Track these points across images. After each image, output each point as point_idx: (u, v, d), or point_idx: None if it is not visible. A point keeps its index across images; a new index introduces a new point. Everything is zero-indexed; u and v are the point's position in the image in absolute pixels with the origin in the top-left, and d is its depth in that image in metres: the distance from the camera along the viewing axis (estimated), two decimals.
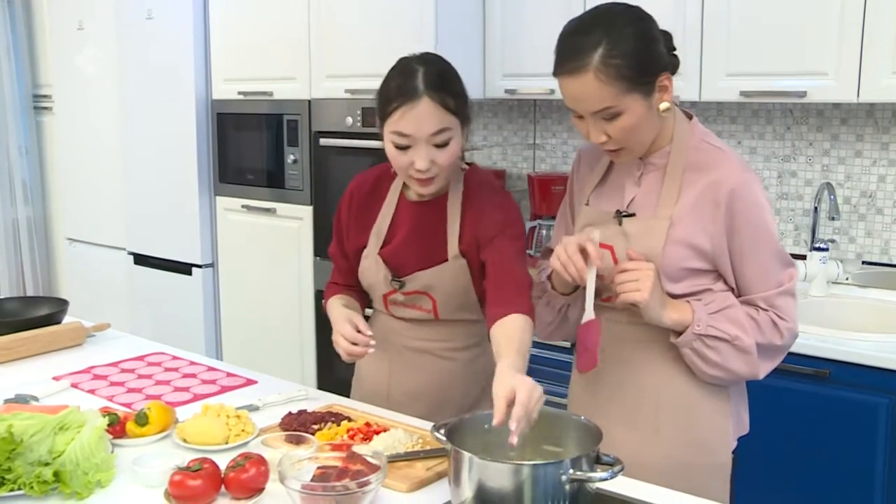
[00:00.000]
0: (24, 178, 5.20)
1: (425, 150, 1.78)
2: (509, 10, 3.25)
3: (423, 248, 1.92)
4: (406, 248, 1.94)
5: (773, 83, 2.69)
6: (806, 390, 2.39)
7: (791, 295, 1.68)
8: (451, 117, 1.79)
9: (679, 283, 1.66)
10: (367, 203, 2.01)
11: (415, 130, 1.76)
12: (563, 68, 1.59)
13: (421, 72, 1.78)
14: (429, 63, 1.82)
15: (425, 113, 1.76)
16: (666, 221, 1.65)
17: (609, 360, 1.75)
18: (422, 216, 1.93)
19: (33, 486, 1.50)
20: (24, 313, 2.56)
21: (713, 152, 1.68)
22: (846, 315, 2.70)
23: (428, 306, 1.95)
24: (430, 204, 1.93)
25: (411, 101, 1.76)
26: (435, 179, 1.83)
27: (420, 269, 1.92)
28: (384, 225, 1.97)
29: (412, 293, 1.94)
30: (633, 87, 1.56)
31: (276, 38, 3.67)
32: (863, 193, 2.90)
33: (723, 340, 1.63)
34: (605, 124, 1.59)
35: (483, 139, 3.80)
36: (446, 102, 1.78)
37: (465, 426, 1.51)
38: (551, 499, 1.36)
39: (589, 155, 1.84)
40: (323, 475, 1.47)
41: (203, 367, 2.30)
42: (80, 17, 4.58)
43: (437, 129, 1.77)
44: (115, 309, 4.41)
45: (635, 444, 1.71)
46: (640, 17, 1.60)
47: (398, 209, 1.97)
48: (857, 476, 2.37)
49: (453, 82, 1.83)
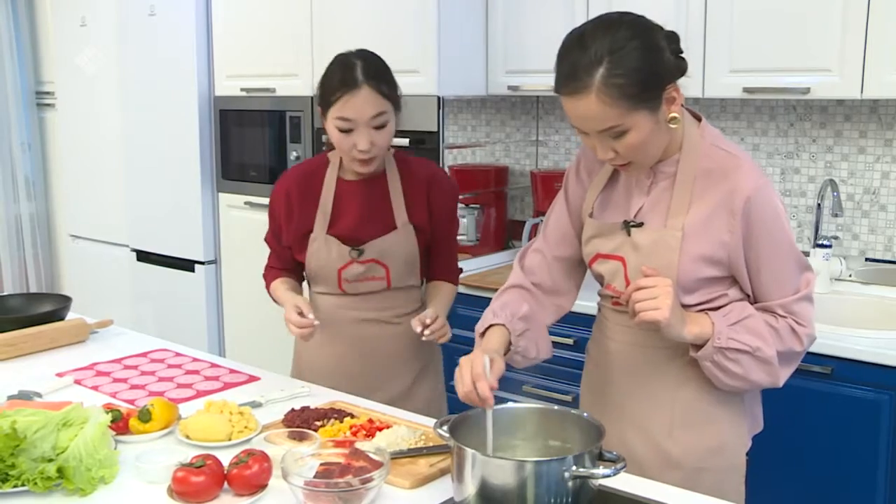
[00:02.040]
0: (27, 175, 5.21)
1: (366, 133, 2.04)
2: (512, 5, 3.24)
3: (375, 219, 2.17)
4: (359, 221, 2.17)
5: (777, 80, 2.68)
6: (809, 387, 2.38)
7: (809, 300, 1.64)
8: (387, 102, 2.05)
9: (694, 294, 1.62)
10: (305, 193, 2.21)
11: (356, 115, 2.02)
12: (564, 88, 1.52)
13: (359, 65, 2.05)
14: (365, 57, 2.09)
15: (365, 99, 2.02)
16: (678, 232, 1.60)
17: (621, 365, 1.74)
18: (366, 192, 2.18)
19: (37, 482, 1.50)
20: (28, 310, 2.57)
21: (725, 158, 1.61)
22: (849, 312, 2.69)
23: (381, 274, 2.18)
24: (371, 181, 2.18)
25: (352, 89, 2.02)
26: (374, 159, 2.10)
27: (376, 236, 2.15)
28: (328, 207, 2.18)
29: (369, 261, 2.16)
30: (638, 105, 1.49)
31: (278, 35, 3.67)
32: (866, 190, 2.90)
33: (744, 352, 1.58)
34: (611, 142, 1.53)
35: (486, 136, 3.80)
36: (382, 89, 2.04)
37: (468, 422, 1.51)
38: (554, 495, 1.36)
39: (590, 157, 1.76)
40: (326, 472, 1.47)
41: (206, 364, 2.30)
42: (82, 14, 4.59)
43: (376, 113, 2.03)
44: (118, 305, 4.41)
45: (648, 449, 1.70)
46: (643, 28, 1.52)
47: (338, 191, 2.19)
48: (860, 472, 2.37)
49: (387, 72, 2.10)
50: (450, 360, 3.22)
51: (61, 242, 5.26)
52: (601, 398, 1.80)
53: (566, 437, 1.53)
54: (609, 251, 1.69)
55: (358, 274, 2.17)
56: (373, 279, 2.18)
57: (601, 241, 1.71)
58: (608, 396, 1.78)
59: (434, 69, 3.16)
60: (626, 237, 1.66)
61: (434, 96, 3.17)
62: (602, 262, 1.71)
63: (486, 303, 3.02)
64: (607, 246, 1.69)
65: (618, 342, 1.75)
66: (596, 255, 1.72)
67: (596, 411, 1.75)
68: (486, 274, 3.23)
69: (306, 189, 2.20)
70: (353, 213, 2.17)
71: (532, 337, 1.73)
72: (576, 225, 1.80)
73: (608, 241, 1.69)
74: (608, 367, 1.78)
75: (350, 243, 2.15)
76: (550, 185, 3.41)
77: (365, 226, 2.16)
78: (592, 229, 1.73)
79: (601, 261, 1.72)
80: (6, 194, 5.14)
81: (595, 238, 1.72)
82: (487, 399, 1.50)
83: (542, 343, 1.77)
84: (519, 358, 1.72)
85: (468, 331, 3.14)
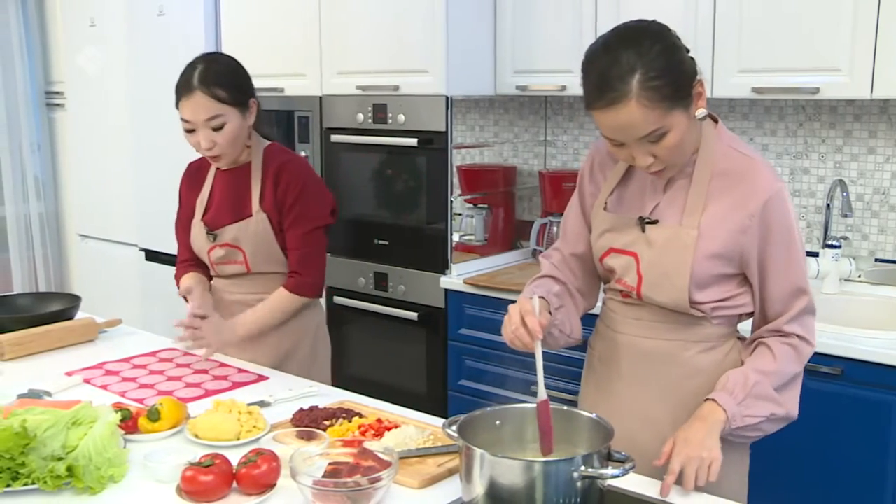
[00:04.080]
0: (37, 175, 5.22)
1: (205, 133, 2.20)
2: (520, 6, 3.24)
3: (233, 207, 2.34)
4: (219, 208, 2.37)
5: (786, 79, 2.67)
6: (818, 388, 2.37)
7: (813, 314, 1.69)
8: (222, 106, 2.19)
9: (706, 290, 1.65)
10: (193, 182, 2.45)
11: (192, 117, 2.20)
12: (600, 100, 1.51)
13: (198, 69, 2.21)
14: (208, 61, 2.25)
15: (198, 104, 2.19)
16: (693, 230, 1.63)
17: (630, 356, 1.76)
18: (230, 181, 2.37)
19: (46, 481, 1.51)
20: (37, 309, 2.58)
21: (742, 160, 1.65)
22: (858, 313, 2.69)
23: (240, 258, 2.35)
24: (237, 171, 2.36)
25: (188, 94, 2.19)
26: (221, 156, 2.27)
27: (230, 223, 2.32)
28: (205, 196, 2.40)
29: (225, 245, 2.34)
30: (675, 104, 1.52)
31: (287, 35, 3.68)
32: (876, 190, 2.89)
33: (760, 422, 1.63)
34: (651, 147, 1.55)
35: (494, 136, 3.79)
36: (216, 94, 2.19)
37: (476, 422, 1.51)
38: (562, 495, 1.36)
39: (602, 156, 1.81)
40: (334, 471, 1.48)
41: (214, 363, 2.30)
42: (91, 14, 4.60)
43: (209, 116, 2.19)
44: (127, 305, 4.42)
45: (654, 439, 1.71)
46: (661, 31, 1.56)
47: (215, 180, 2.40)
48: (869, 474, 2.36)
49: (227, 76, 2.23)
50: (457, 359, 3.24)
51: (70, 242, 5.28)
52: (607, 392, 1.81)
53: (574, 437, 1.53)
54: (622, 246, 1.72)
55: (220, 257, 2.37)
56: (233, 263, 2.37)
57: (614, 235, 1.73)
58: (615, 389, 1.79)
59: (442, 69, 3.16)
60: (640, 233, 1.69)
61: (442, 96, 3.17)
62: (615, 257, 1.73)
63: (495, 303, 3.05)
64: (621, 241, 1.72)
65: (627, 335, 1.77)
66: (609, 250, 1.74)
67: (600, 406, 1.77)
68: (495, 274, 3.23)
69: (195, 180, 2.45)
70: (217, 201, 2.38)
71: (566, 313, 1.77)
72: (590, 223, 1.83)
73: (622, 236, 1.72)
74: (616, 361, 1.79)
75: (212, 229, 2.35)
76: (559, 186, 3.41)
77: (224, 212, 2.35)
78: (607, 223, 1.75)
79: (614, 255, 1.74)
80: (16, 194, 5.16)
81: (608, 232, 1.74)
82: (536, 331, 1.54)
83: (574, 322, 1.81)
84: (556, 332, 1.74)
85: (477, 330, 3.17)
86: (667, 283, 1.65)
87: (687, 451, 1.54)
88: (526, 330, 1.55)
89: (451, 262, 3.25)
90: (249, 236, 2.32)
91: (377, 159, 3.45)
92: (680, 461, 1.53)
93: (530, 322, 1.54)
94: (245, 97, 2.26)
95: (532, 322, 1.54)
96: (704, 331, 1.70)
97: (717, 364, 1.70)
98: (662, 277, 1.65)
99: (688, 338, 1.70)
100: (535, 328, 1.54)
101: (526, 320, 1.55)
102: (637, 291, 1.70)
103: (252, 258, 2.34)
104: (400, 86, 3.28)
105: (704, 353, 1.70)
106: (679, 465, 1.53)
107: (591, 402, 1.85)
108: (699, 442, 1.54)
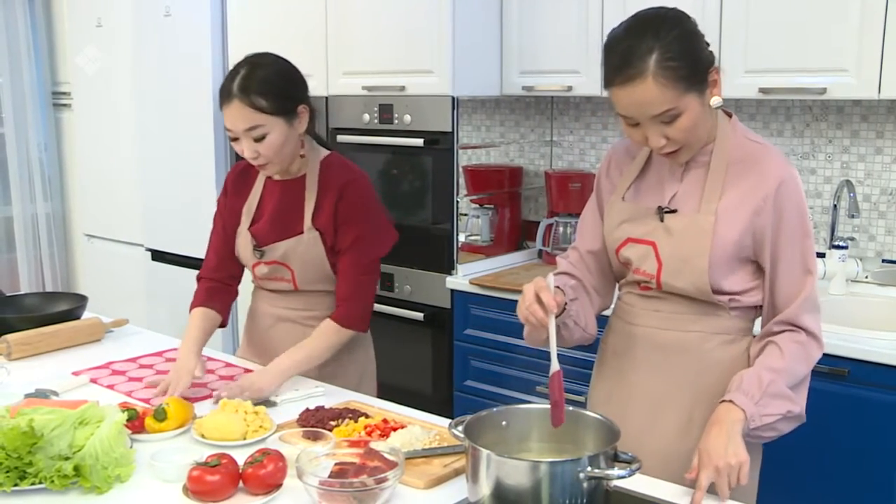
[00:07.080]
0: (44, 175, 5.24)
1: (247, 143, 2.02)
2: (526, 6, 3.24)
3: (283, 222, 2.17)
4: (268, 222, 2.19)
5: (792, 80, 2.67)
6: (824, 389, 2.37)
7: (818, 310, 1.69)
8: (262, 116, 1.99)
9: (725, 278, 1.67)
10: (240, 187, 2.26)
11: (232, 126, 2.02)
12: (619, 77, 1.57)
13: (240, 74, 2.01)
14: (252, 65, 2.04)
15: (236, 113, 2.00)
16: (711, 217, 1.66)
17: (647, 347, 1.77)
18: (283, 194, 2.19)
19: (53, 480, 1.51)
20: (44, 309, 2.58)
21: (756, 148, 1.70)
22: (865, 313, 2.68)
23: (287, 276, 2.19)
24: (290, 183, 2.18)
25: (227, 101, 2.01)
26: (268, 165, 2.08)
27: (278, 240, 2.16)
28: (253, 204, 2.23)
29: (272, 263, 2.18)
30: (690, 87, 1.56)
31: (293, 35, 3.68)
32: (883, 191, 2.88)
33: (777, 419, 1.63)
34: (664, 127, 1.59)
35: (500, 136, 3.79)
36: (256, 103, 1.98)
37: (482, 423, 1.51)
38: (569, 496, 1.36)
39: (620, 155, 1.84)
40: (340, 471, 1.48)
41: (221, 363, 2.31)
42: (98, 15, 4.61)
43: (247, 127, 2.00)
44: (134, 305, 4.43)
45: (670, 429, 1.72)
46: (680, 17, 1.61)
47: (265, 189, 2.23)
48: (877, 475, 2.36)
49: (270, 83, 2.02)
50: (463, 359, 3.24)
51: (77, 242, 5.29)
52: (620, 384, 1.82)
53: (580, 437, 1.53)
54: (640, 235, 1.74)
55: (264, 274, 2.22)
56: (280, 280, 2.22)
57: (632, 225, 1.75)
58: (629, 380, 1.80)
59: (448, 69, 3.16)
60: (658, 223, 1.71)
61: (448, 96, 3.17)
62: (632, 247, 1.75)
63: (500, 303, 3.05)
64: (639, 230, 1.74)
65: (644, 327, 1.78)
66: (627, 240, 1.76)
67: (613, 396, 1.78)
68: (501, 274, 3.23)
69: (242, 183, 2.27)
70: (267, 214, 2.20)
71: (581, 306, 1.78)
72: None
73: (640, 226, 1.74)
74: (631, 352, 1.80)
75: (259, 244, 2.20)
76: (565, 186, 3.40)
77: (273, 227, 2.18)
78: (625, 213, 1.77)
79: (631, 245, 1.75)
80: (23, 194, 5.17)
81: (626, 223, 1.76)
82: (550, 305, 1.55)
83: (589, 317, 1.81)
84: (571, 323, 1.74)
85: (483, 330, 3.17)
86: (686, 268, 1.67)
87: (714, 462, 1.52)
88: (540, 305, 1.56)
89: (456, 263, 3.25)
90: (299, 255, 2.15)
91: (383, 160, 3.45)
92: (708, 476, 1.52)
93: (545, 297, 1.55)
94: (291, 104, 2.06)
95: (547, 297, 1.55)
96: (724, 323, 1.71)
97: (734, 360, 1.71)
98: (682, 262, 1.67)
99: (708, 329, 1.71)
100: (549, 302, 1.55)
101: (541, 295, 1.56)
102: (657, 279, 1.72)
103: (300, 276, 2.18)
104: (406, 86, 3.29)
105: (724, 347, 1.72)
106: (707, 481, 1.52)
107: (605, 394, 1.86)
108: (723, 450, 1.53)
